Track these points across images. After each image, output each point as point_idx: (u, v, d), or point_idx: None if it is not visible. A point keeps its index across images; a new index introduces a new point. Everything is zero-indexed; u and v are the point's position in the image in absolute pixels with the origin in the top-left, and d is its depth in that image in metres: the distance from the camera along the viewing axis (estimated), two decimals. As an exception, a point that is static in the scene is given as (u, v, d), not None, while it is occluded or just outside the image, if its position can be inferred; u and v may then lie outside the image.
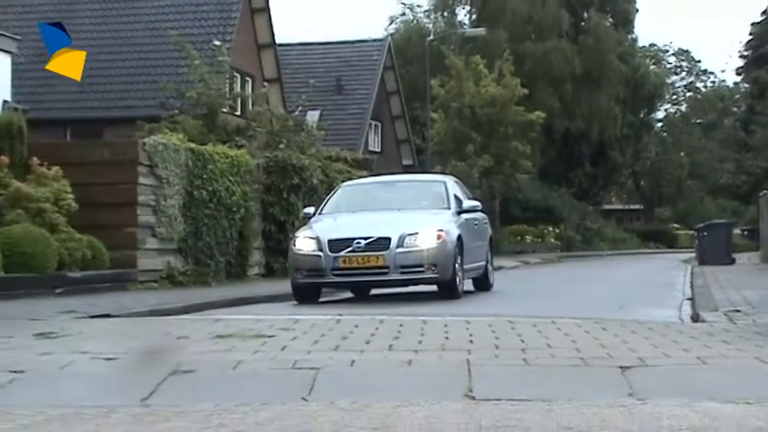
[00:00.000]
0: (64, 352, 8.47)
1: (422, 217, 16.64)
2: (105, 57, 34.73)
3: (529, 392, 6.67)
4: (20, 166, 17.85)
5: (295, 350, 8.41)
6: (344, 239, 15.59)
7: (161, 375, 7.34)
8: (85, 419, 5.86)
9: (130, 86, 33.29)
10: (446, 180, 19.12)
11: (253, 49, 37.98)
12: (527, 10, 61.52)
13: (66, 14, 36.25)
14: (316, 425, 5.48)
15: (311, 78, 34.20)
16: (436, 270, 15.56)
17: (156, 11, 35.21)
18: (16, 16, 32.03)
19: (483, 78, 46.60)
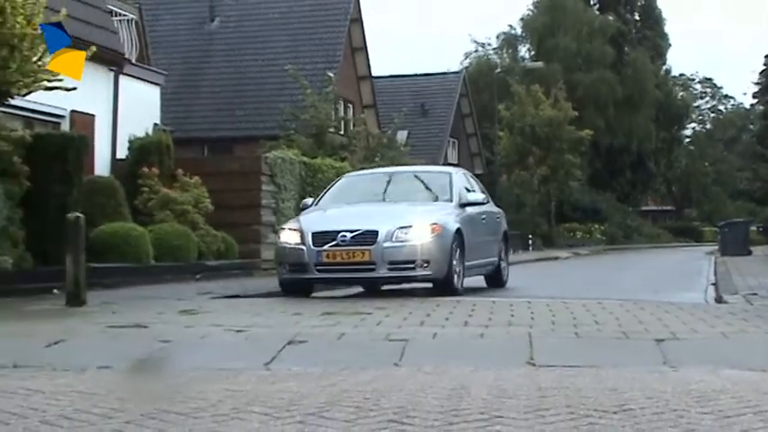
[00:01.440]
0: (202, 325, 8.60)
1: (417, 209, 12.88)
2: (235, 87, 35.13)
3: (580, 360, 6.65)
4: (168, 176, 18.18)
5: (388, 325, 8.44)
6: (329, 232, 11.96)
7: (280, 344, 7.42)
8: (220, 379, 5.95)
9: (255, 111, 33.60)
10: (452, 172, 14.96)
11: (353, 80, 38.16)
12: (577, 46, 61.36)
13: (204, 53, 36.76)
14: (405, 385, 5.50)
15: (400, 104, 34.16)
16: (429, 267, 11.81)
17: (276, 50, 35.47)
18: (163, 54, 32.45)
19: (541, 103, 46.69)
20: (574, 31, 61.84)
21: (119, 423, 4.31)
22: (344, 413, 4.49)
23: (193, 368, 6.61)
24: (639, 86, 63.69)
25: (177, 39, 36.83)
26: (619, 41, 65.53)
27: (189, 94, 34.35)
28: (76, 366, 6.78)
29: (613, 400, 4.83)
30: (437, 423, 4.22)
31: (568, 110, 46.75)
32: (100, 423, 4.33)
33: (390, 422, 4.24)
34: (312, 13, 37.00)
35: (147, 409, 4.66)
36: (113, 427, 4.20)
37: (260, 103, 33.81)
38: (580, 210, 55.26)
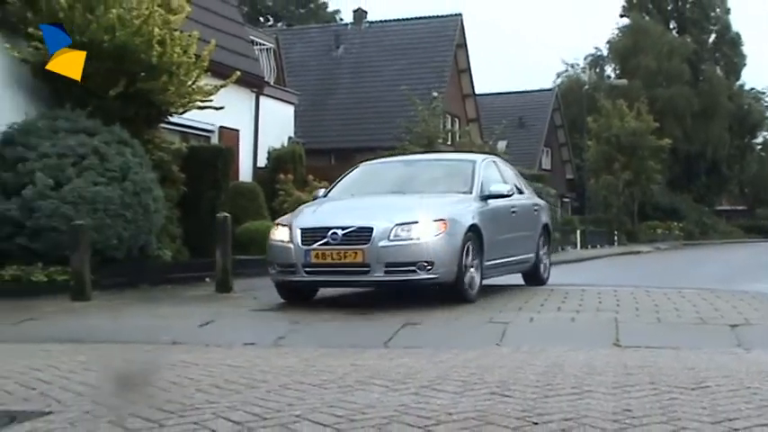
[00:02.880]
0: (329, 309, 8.69)
1: (425, 203, 9.67)
2: (357, 104, 35.45)
3: (661, 342, 6.53)
4: (300, 181, 18.43)
5: (490, 310, 8.41)
6: (319, 229, 8.96)
7: (397, 326, 7.46)
8: (345, 355, 6.00)
9: (375, 124, 33.79)
10: (477, 160, 11.07)
11: (459, 97, 38.12)
12: (657, 65, 60.30)
13: (330, 76, 37.16)
14: (506, 363, 5.47)
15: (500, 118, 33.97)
16: (433, 269, 8.69)
17: (392, 72, 35.65)
18: (296, 77, 32.92)
19: (625, 115, 46.03)
20: (654, 51, 60.84)
21: (261, 392, 4.39)
22: (453, 386, 4.48)
23: (322, 346, 6.69)
24: (714, 100, 62.32)
25: (308, 64, 37.35)
26: (695, 60, 64.17)
27: (318, 111, 34.78)
28: (225, 343, 6.93)
29: (692, 378, 4.72)
30: (534, 396, 4.18)
31: (650, 121, 46.07)
32: (245, 392, 4.41)
33: (493, 394, 4.22)
34: (423, 41, 37.14)
35: (285, 381, 4.73)
36: (257, 395, 4.28)
37: (379, 118, 34.01)
38: (660, 209, 54.12)
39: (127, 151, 11.68)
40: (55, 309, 8.81)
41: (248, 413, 3.82)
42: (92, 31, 11.72)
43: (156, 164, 12.80)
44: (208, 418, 3.73)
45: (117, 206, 11.03)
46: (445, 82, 35.14)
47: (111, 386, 4.59)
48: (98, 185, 10.92)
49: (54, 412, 3.91)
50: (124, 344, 6.96)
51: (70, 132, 11.36)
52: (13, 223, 10.60)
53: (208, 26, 15.93)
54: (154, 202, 11.79)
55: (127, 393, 4.37)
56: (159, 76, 12.45)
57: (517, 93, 51.47)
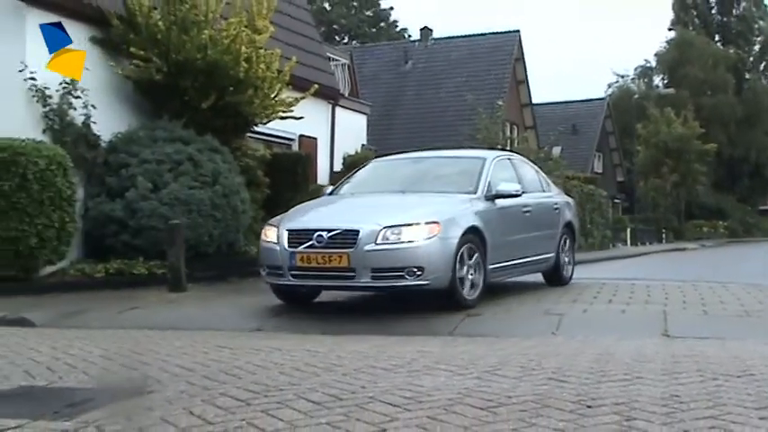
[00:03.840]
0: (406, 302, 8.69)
1: (420, 203, 8.44)
2: (424, 114, 35.44)
3: (708, 333, 6.40)
4: (372, 184, 18.39)
5: (546, 302, 8.34)
6: (305, 231, 7.89)
7: (461, 317, 7.43)
8: (412, 342, 6.00)
9: (439, 132, 33.70)
10: (487, 157, 9.61)
11: (517, 106, 37.84)
12: (703, 75, 59.01)
13: (399, 88, 37.22)
14: (561, 351, 5.41)
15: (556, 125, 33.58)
16: (423, 275, 7.48)
17: (456, 84, 35.58)
18: (368, 90, 33.03)
19: (672, 122, 45.23)
20: (700, 62, 59.57)
21: (337, 375, 4.41)
22: (513, 372, 4.45)
23: (393, 334, 6.70)
24: (757, 107, 60.77)
25: (379, 77, 37.48)
26: (739, 70, 62.69)
27: (388, 120, 34.87)
28: (303, 331, 6.98)
29: (737, 366, 4.61)
30: (588, 381, 4.13)
31: (695, 127, 45.21)
32: (323, 375, 4.43)
33: (550, 380, 4.18)
34: (484, 55, 36.99)
35: (359, 365, 4.75)
36: (333, 378, 4.30)
37: (443, 126, 33.94)
38: (706, 209, 52.96)
39: (217, 158, 11.86)
40: (154, 299, 8.99)
41: (326, 394, 3.85)
42: (186, 51, 11.92)
43: (243, 169, 12.96)
44: (290, 398, 3.76)
45: (208, 207, 11.21)
46: (504, 93, 34.91)
47: (203, 368, 4.65)
48: (192, 189, 11.10)
49: (154, 391, 3.99)
50: (215, 330, 7.07)
51: (167, 141, 11.58)
52: (117, 222, 10.85)
53: (289, 44, 16.06)
54: (241, 204, 11.95)
55: (217, 375, 4.43)
56: (246, 90, 12.60)
57: (571, 102, 50.85)
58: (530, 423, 3.24)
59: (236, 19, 12.45)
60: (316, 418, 3.37)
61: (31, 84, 10.95)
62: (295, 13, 18.41)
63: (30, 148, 9.71)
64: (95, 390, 4.07)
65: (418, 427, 3.21)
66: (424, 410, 3.48)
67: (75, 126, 11.38)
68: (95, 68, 11.86)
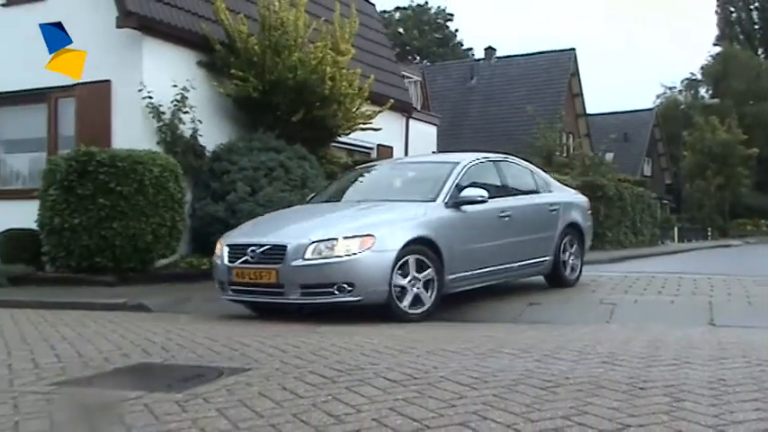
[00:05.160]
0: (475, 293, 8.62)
1: (366, 213, 7.28)
2: (488, 124, 35.15)
3: (752, 322, 6.18)
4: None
5: (600, 293, 8.17)
6: (241, 246, 7.01)
7: (523, 306, 7.35)
8: (481, 328, 5.95)
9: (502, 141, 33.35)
10: (461, 161, 8.12)
11: (573, 116, 37.23)
12: (746, 85, 57.03)
13: (466, 102, 37.01)
14: (615, 337, 5.30)
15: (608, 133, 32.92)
16: (353, 291, 6.46)
17: (517, 97, 35.20)
18: (438, 103, 32.94)
19: (717, 129, 43.88)
20: (743, 74, 57.59)
21: (412, 357, 4.40)
22: (570, 355, 4.37)
23: (463, 321, 6.66)
24: (799, 114, 58.49)
25: (448, 92, 37.35)
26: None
27: (456, 130, 34.68)
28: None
29: (780, 354, 4.43)
30: (640, 365, 4.03)
31: (739, 134, 43.81)
32: (399, 356, 4.43)
33: (604, 363, 4.09)
34: (542, 71, 36.54)
35: (432, 348, 4.73)
36: (408, 359, 4.30)
37: (505, 135, 33.61)
38: (749, 208, 51.14)
39: (305, 165, 11.98)
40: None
41: (401, 373, 3.85)
42: (279, 71, 12.08)
43: (328, 174, 13.05)
44: (370, 377, 3.77)
45: (298, 208, 11.33)
46: (561, 104, 34.41)
47: (294, 350, 4.71)
48: (284, 192, 11.23)
49: (252, 369, 4.05)
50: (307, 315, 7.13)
51: (262, 150, 11.75)
52: (220, 222, 11.04)
53: (368, 64, 16.12)
54: (326, 205, 12.04)
55: (306, 355, 4.47)
56: (330, 105, 12.70)
57: (622, 112, 49.77)
58: (586, 402, 3.18)
59: (321, 43, 12.56)
60: (392, 395, 3.37)
61: (147, 102, 11.26)
62: (373, 36, 18.49)
63: (146, 157, 9.98)
64: (202, 367, 4.15)
65: (484, 404, 3.18)
66: (489, 389, 3.45)
67: (185, 138, 11.65)
68: (201, 88, 12.12)
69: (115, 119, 11.58)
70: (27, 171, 12.91)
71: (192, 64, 12.25)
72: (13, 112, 12.97)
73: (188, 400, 3.33)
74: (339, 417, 3.03)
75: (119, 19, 11.34)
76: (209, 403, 3.27)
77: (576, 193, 10.05)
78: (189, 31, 12.19)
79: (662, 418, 2.91)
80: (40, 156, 12.33)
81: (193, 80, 11.87)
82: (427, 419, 2.96)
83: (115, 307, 7.97)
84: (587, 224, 9.55)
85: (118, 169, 9.64)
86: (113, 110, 11.60)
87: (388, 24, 46.52)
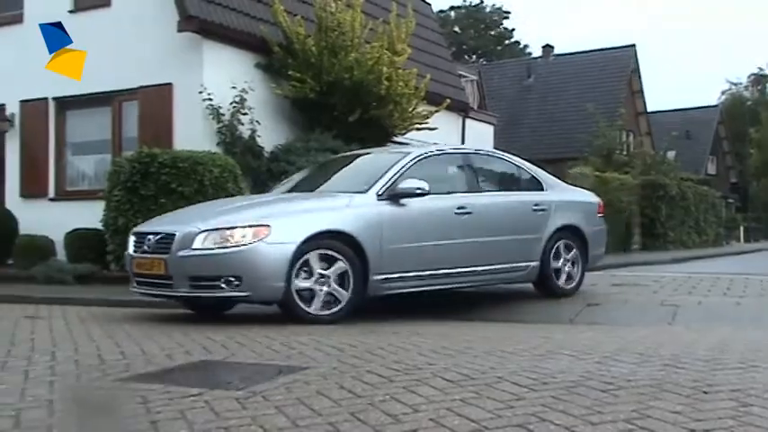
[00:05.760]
0: (527, 292, 8.54)
1: (269, 204, 6.86)
2: (544, 123, 34.76)
3: (822, 326, 5.97)
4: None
5: (662, 294, 8.00)
6: (143, 234, 6.60)
7: (580, 306, 7.24)
8: (538, 328, 5.89)
9: (560, 139, 33.02)
10: (413, 152, 7.44)
11: (633, 114, 36.48)
12: (816, 81, 55.41)
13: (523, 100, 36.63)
14: (677, 339, 5.18)
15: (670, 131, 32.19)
16: (241, 285, 5.98)
17: (575, 95, 34.69)
18: (494, 102, 32.69)
19: (784, 125, 42.66)
20: (812, 69, 55.82)
21: (469, 357, 4.37)
22: (631, 357, 4.29)
23: (519, 321, 6.60)
24: None
25: (504, 91, 37.03)
26: None
27: (513, 129, 34.35)
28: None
29: None
30: (704, 369, 3.92)
31: (805, 127, 42.48)
32: (457, 356, 4.41)
33: (666, 366, 4.00)
34: (602, 68, 35.92)
35: (488, 348, 4.70)
36: (466, 359, 4.27)
37: (563, 134, 33.19)
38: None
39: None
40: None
41: (459, 373, 3.83)
42: (336, 72, 12.16)
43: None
44: (428, 377, 3.76)
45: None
46: (621, 102, 33.78)
47: (351, 348, 4.72)
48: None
49: (309, 367, 4.07)
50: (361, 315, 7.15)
51: (320, 151, 11.83)
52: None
53: (424, 64, 16.10)
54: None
55: (364, 354, 4.48)
56: (387, 105, 12.73)
57: (686, 109, 48.62)
58: (648, 406, 3.11)
59: (378, 43, 12.60)
60: (450, 395, 3.36)
61: (207, 104, 11.46)
62: (429, 36, 18.45)
63: (206, 158, 10.15)
64: (261, 365, 4.20)
65: (543, 406, 3.14)
66: (548, 391, 3.41)
67: (243, 139, 11.82)
68: (259, 90, 12.28)
69: (176, 120, 11.82)
70: (93, 172, 13.27)
71: (251, 66, 12.42)
72: (80, 115, 13.36)
73: (248, 397, 3.38)
74: (396, 416, 3.03)
75: (180, 23, 11.57)
76: (269, 401, 3.31)
77: (585, 193, 9.06)
78: (247, 33, 12.36)
79: (728, 423, 2.83)
80: (105, 157, 12.67)
81: (252, 82, 12.03)
82: (485, 420, 2.93)
83: (177, 305, 8.09)
84: (594, 228, 8.40)
85: (179, 170, 9.82)
86: (175, 112, 11.85)
87: (444, 24, 46.39)
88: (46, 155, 13.32)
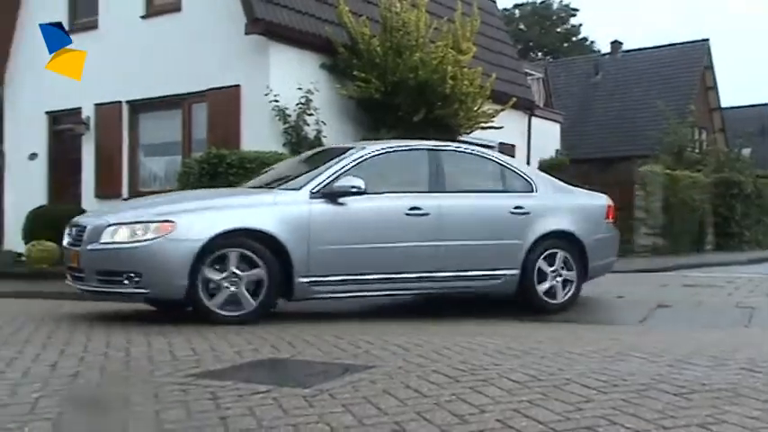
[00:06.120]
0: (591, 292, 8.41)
1: (181, 198, 6.88)
2: (614, 120, 34.09)
3: None
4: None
5: (738, 295, 7.76)
6: (70, 226, 6.46)
7: (651, 307, 7.08)
8: (607, 331, 5.78)
9: (629, 137, 32.33)
10: (364, 147, 6.91)
11: (706, 111, 35.48)
12: None
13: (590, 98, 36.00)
14: (754, 342, 5.01)
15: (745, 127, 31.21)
16: (141, 282, 5.80)
17: (645, 91, 33.94)
18: (561, 100, 32.23)
19: None
20: None
21: (535, 358, 4.33)
22: (705, 361, 4.17)
23: (587, 322, 6.49)
24: None
25: (571, 89, 36.48)
26: None
27: (580, 127, 33.81)
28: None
29: None
30: (783, 373, 3.79)
31: None
32: (523, 357, 4.37)
33: (743, 369, 3.88)
34: (673, 64, 35.03)
35: (556, 349, 4.64)
36: (532, 360, 4.22)
37: (633, 131, 32.48)
38: None
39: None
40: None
41: (525, 374, 3.79)
42: (401, 72, 12.19)
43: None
44: (494, 377, 3.73)
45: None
46: (692, 99, 32.90)
47: (416, 348, 4.73)
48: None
49: (375, 366, 4.09)
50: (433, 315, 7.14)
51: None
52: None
53: (489, 62, 15.99)
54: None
55: (429, 354, 4.48)
56: (452, 104, 12.70)
57: (761, 105, 46.98)
58: (723, 411, 3.02)
59: (443, 42, 12.58)
60: (517, 396, 3.33)
61: (274, 105, 11.63)
62: (494, 34, 18.31)
63: (273, 158, 10.30)
64: (328, 363, 4.24)
65: (613, 408, 3.09)
66: (618, 393, 3.34)
67: (309, 140, 11.96)
68: (324, 90, 12.40)
69: (244, 122, 12.03)
70: (164, 173, 13.63)
71: (316, 67, 12.55)
72: (151, 118, 13.73)
73: (315, 395, 3.41)
74: (463, 417, 3.02)
75: (247, 26, 11.77)
76: (335, 399, 3.33)
77: (590, 195, 7.98)
78: (313, 34, 12.50)
79: (809, 429, 2.73)
80: (176, 159, 12.99)
81: (317, 82, 12.15)
82: (553, 422, 2.90)
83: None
84: (597, 236, 7.43)
85: (246, 170, 9.99)
86: (242, 113, 12.06)
87: (509, 21, 45.98)
88: (120, 156, 13.74)
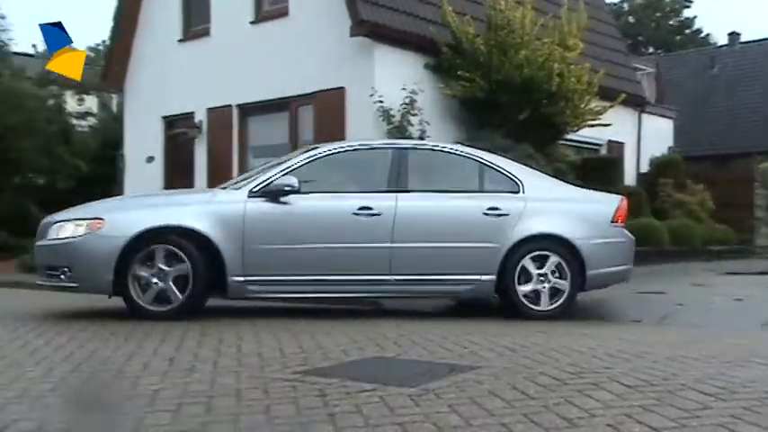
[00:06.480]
0: (708, 294, 8.09)
1: (123, 198, 7.46)
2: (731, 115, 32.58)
3: None
4: (679, 185, 17.35)
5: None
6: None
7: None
8: (723, 336, 5.54)
9: (749, 133, 30.82)
10: (321, 147, 6.91)
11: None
12: None
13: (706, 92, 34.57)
14: None
15: None
16: (72, 276, 6.20)
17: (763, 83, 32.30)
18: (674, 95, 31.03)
19: None
20: None
21: (647, 362, 4.20)
22: (833, 369, 3.93)
23: (703, 325, 6.25)
24: None
25: (685, 83, 35.07)
26: None
27: (695, 123, 32.46)
28: (614, 319, 6.73)
29: None
30: None
31: None
32: (634, 360, 4.25)
33: None
34: (796, 54, 33.19)
35: (669, 354, 4.49)
36: (644, 364, 4.10)
37: (753, 126, 30.95)
38: None
39: (532, 163, 11.81)
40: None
41: (637, 378, 3.68)
42: (505, 70, 12.07)
43: (556, 173, 12.82)
44: (603, 381, 3.65)
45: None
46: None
47: (523, 349, 4.67)
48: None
49: (481, 367, 4.07)
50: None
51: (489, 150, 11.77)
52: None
53: (597, 58, 15.60)
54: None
55: (536, 355, 4.42)
56: (558, 102, 12.48)
57: None
58: None
59: (549, 39, 12.38)
60: (628, 401, 3.24)
61: (378, 106, 11.74)
62: (602, 29, 17.86)
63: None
64: (433, 363, 4.25)
65: (732, 416, 2.96)
66: (738, 401, 3.20)
67: (413, 140, 12.00)
68: (428, 90, 12.43)
69: (349, 123, 12.21)
70: (272, 175, 13.97)
71: (420, 67, 12.59)
72: (260, 120, 14.13)
73: (420, 395, 3.42)
74: (572, 420, 2.96)
75: (352, 28, 11.94)
76: (441, 399, 3.34)
77: (595, 196, 7.17)
78: (416, 35, 12.55)
79: None
80: (283, 160, 13.30)
81: (421, 83, 12.19)
82: (667, 429, 2.81)
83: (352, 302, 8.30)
84: (597, 240, 6.73)
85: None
86: (347, 115, 12.24)
87: (618, 15, 44.72)
88: (230, 158, 14.20)
